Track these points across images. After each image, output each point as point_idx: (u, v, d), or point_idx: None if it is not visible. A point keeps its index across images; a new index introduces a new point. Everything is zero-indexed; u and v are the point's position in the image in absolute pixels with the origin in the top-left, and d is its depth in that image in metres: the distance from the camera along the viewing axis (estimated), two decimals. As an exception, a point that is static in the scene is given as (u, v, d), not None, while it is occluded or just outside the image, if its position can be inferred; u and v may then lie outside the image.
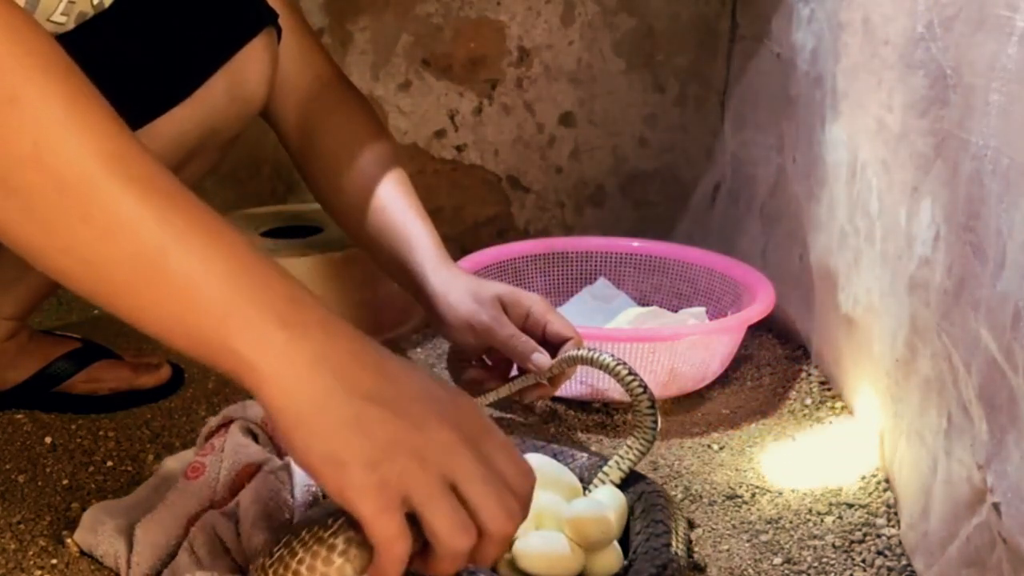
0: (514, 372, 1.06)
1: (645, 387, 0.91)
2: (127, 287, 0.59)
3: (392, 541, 0.59)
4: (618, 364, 0.92)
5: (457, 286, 1.03)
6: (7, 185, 0.57)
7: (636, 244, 1.40)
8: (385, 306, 1.32)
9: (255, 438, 0.91)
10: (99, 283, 0.59)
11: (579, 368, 1.12)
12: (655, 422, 0.91)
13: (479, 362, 1.07)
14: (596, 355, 0.94)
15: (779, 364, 1.28)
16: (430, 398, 0.63)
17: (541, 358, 0.99)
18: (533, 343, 1.00)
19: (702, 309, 1.31)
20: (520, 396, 1.03)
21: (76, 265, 0.59)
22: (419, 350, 1.31)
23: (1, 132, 0.57)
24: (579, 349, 0.99)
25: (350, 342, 0.63)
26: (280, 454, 0.90)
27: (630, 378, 0.91)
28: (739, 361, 1.26)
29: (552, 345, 1.01)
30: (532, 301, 1.03)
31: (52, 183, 0.57)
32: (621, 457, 0.92)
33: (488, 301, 1.01)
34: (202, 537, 0.82)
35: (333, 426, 0.59)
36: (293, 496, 0.83)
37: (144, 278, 0.58)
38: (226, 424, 0.92)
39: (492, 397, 1.03)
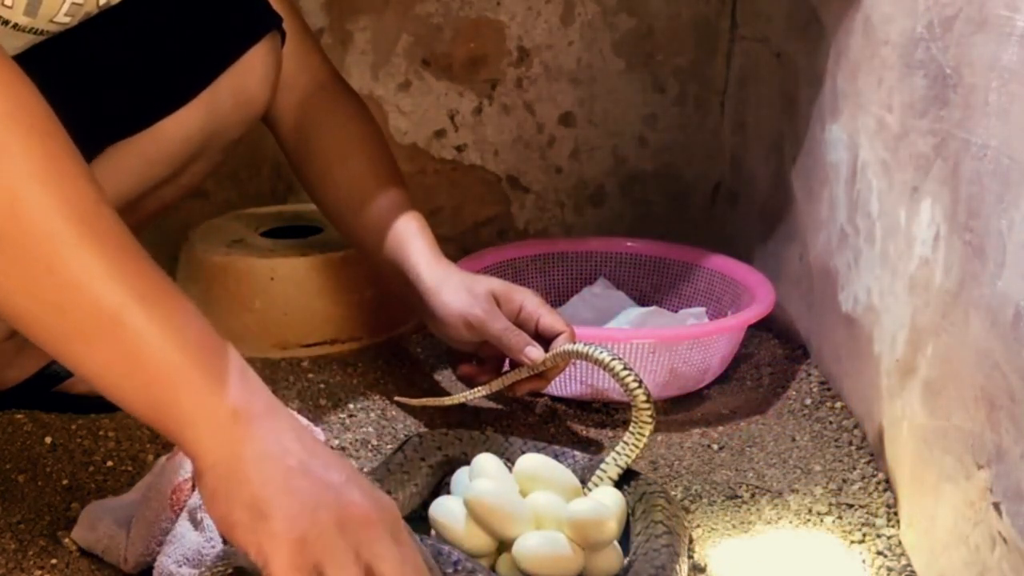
0: (505, 368, 1.06)
1: (640, 381, 0.91)
2: (82, 338, 0.62)
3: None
4: (613, 359, 0.92)
5: (450, 282, 1.03)
6: None
7: (636, 244, 1.40)
8: (385, 306, 1.33)
9: None
10: (54, 330, 0.62)
11: (579, 368, 1.13)
12: (651, 416, 0.91)
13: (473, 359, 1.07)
14: (591, 349, 0.95)
15: (779, 364, 1.28)
16: (356, 485, 0.64)
17: (534, 351, 1.00)
18: (526, 336, 1.01)
19: (702, 309, 1.31)
20: (513, 390, 1.04)
21: (36, 310, 0.61)
22: (419, 350, 1.31)
23: None
24: (573, 343, 0.99)
25: (291, 422, 0.65)
26: None
27: (625, 372, 0.91)
28: (739, 361, 1.26)
29: (544, 339, 1.02)
30: (524, 296, 1.04)
31: (21, 232, 0.59)
32: (619, 453, 0.92)
33: (481, 295, 1.02)
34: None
35: (261, 482, 0.61)
36: None
37: (99, 332, 0.61)
38: None
39: (485, 391, 1.04)
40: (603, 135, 1.59)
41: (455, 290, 1.03)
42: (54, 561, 0.88)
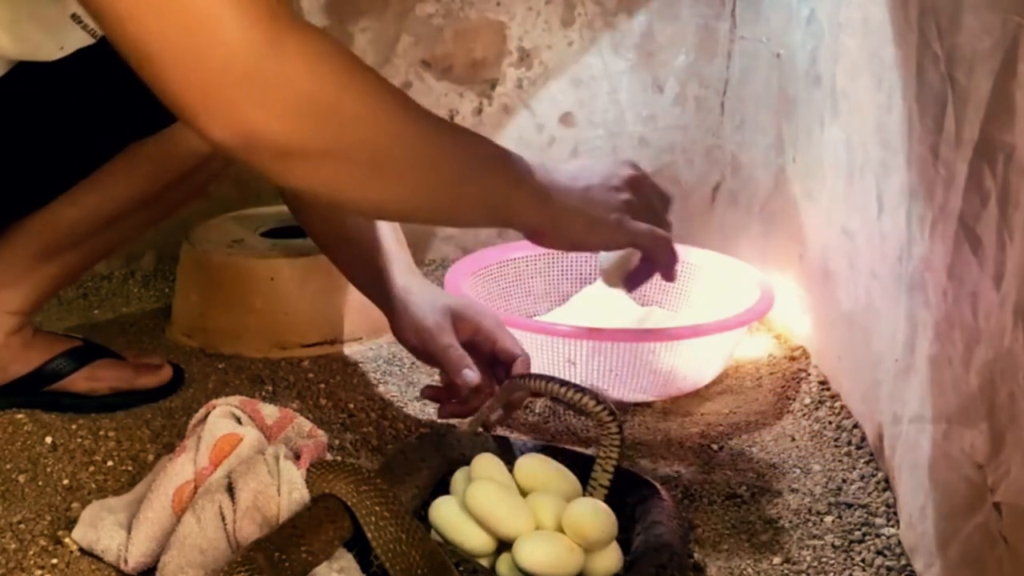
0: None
1: (597, 398, 0.89)
2: (455, 189, 0.83)
3: (648, 230, 0.89)
4: (563, 386, 0.90)
5: (418, 291, 1.06)
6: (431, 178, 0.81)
7: (636, 244, 1.40)
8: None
9: (239, 421, 0.93)
10: (433, 189, 0.82)
11: (576, 369, 1.13)
12: (618, 429, 0.89)
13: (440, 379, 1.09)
14: (542, 382, 0.92)
15: (779, 364, 1.28)
16: (608, 173, 0.91)
17: (470, 374, 0.99)
18: (467, 360, 1.00)
19: (702, 309, 1.31)
20: (485, 427, 1.02)
21: (420, 182, 0.80)
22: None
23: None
24: (525, 374, 0.99)
25: (553, 173, 0.89)
26: (269, 438, 0.91)
27: (578, 395, 0.89)
28: (739, 361, 1.26)
29: (502, 363, 1.03)
30: (484, 317, 1.04)
31: (417, 142, 0.78)
32: (595, 475, 0.90)
33: (439, 309, 1.03)
34: (211, 509, 0.83)
35: (579, 212, 0.87)
36: (279, 492, 0.84)
37: (464, 184, 0.83)
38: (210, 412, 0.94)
39: (468, 426, 1.02)
40: (603, 135, 1.59)
41: (418, 299, 1.04)
42: (54, 561, 0.88)
